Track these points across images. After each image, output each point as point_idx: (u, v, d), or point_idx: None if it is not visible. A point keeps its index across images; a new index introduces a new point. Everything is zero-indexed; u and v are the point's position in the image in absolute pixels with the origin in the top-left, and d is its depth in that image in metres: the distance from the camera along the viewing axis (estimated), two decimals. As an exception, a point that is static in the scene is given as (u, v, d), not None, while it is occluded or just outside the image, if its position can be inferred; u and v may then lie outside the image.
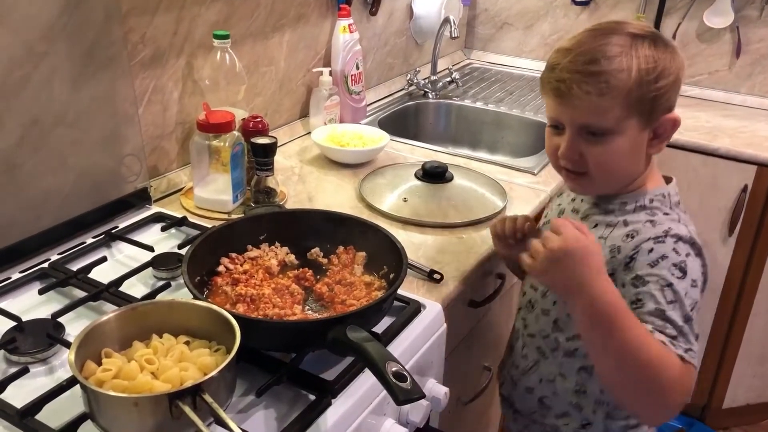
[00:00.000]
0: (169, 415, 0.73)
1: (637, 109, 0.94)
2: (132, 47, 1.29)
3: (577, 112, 0.96)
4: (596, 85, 0.93)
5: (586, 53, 0.94)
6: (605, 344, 0.88)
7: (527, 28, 2.49)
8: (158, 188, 1.40)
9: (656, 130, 0.98)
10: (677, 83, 0.96)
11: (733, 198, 1.90)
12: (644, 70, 0.92)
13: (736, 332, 2.07)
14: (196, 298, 0.92)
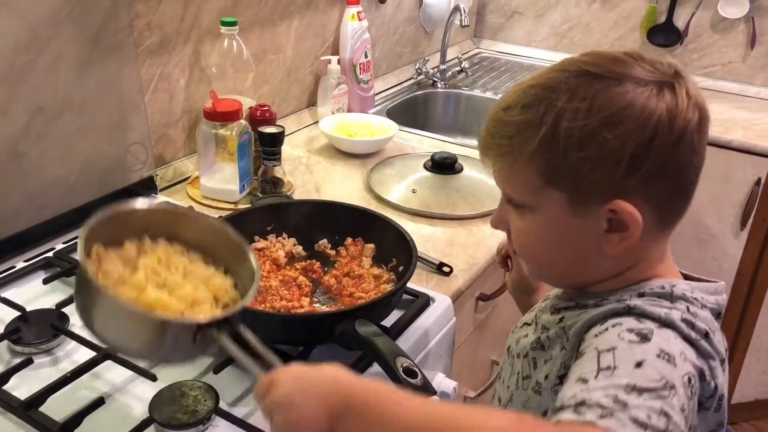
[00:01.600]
0: (191, 341, 0.64)
1: (552, 180, 0.67)
2: (138, 34, 1.27)
3: (493, 173, 0.75)
4: (498, 140, 0.70)
5: (516, 93, 0.70)
6: None
7: (538, 17, 2.46)
8: (164, 177, 1.38)
9: (614, 219, 0.66)
10: (624, 158, 0.64)
11: (746, 191, 1.88)
12: (564, 129, 0.65)
13: (746, 327, 2.05)
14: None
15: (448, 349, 1.09)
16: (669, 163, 0.65)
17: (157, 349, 0.67)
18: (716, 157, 1.87)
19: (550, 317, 0.77)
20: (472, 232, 1.30)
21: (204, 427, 0.79)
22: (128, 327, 0.66)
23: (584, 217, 0.68)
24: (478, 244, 1.26)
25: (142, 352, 0.69)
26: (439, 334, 1.05)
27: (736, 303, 2.02)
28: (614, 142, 0.64)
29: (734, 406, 2.16)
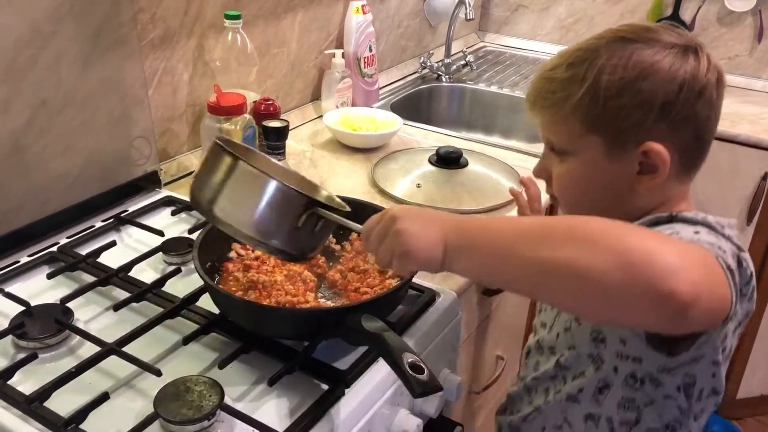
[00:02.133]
0: (297, 218, 0.79)
1: (593, 128, 0.79)
2: (142, 27, 1.26)
3: (538, 124, 0.87)
4: (544, 94, 0.83)
5: (561, 57, 0.83)
6: (514, 263, 0.67)
7: (543, 10, 2.44)
8: (168, 171, 1.38)
9: (644, 162, 0.79)
10: (658, 106, 0.76)
11: (753, 186, 1.87)
12: (604, 82, 0.77)
13: (752, 323, 2.04)
14: (207, 284, 0.90)
15: (453, 344, 1.09)
16: (691, 114, 0.77)
17: (269, 223, 0.78)
18: (723, 151, 1.86)
19: None
20: (478, 227, 1.29)
21: (209, 423, 0.79)
22: (250, 194, 0.79)
23: (620, 161, 0.80)
24: (483, 238, 1.25)
25: (255, 223, 0.79)
26: (445, 330, 1.04)
27: (742, 298, 2.00)
28: (647, 92, 0.76)
29: (739, 401, 2.16)
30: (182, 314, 0.97)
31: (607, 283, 0.59)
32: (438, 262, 0.71)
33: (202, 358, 0.91)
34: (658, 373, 0.79)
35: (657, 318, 0.59)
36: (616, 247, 0.60)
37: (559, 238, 0.64)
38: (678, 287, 0.57)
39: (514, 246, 0.66)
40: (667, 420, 0.83)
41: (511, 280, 0.69)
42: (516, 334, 1.66)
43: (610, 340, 0.82)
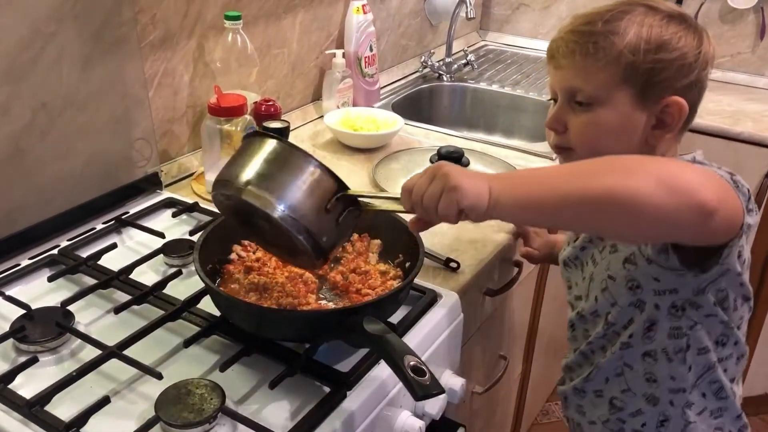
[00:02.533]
0: (325, 202, 0.81)
1: (628, 78, 0.88)
2: (142, 28, 1.26)
3: (562, 74, 0.93)
4: (583, 45, 0.89)
5: (588, 16, 0.91)
6: (558, 204, 0.73)
7: (544, 8, 2.44)
8: (169, 173, 1.37)
9: (660, 116, 0.90)
10: (685, 66, 0.88)
11: (756, 183, 1.86)
12: (643, 38, 0.87)
13: (756, 321, 2.03)
14: (208, 286, 0.90)
15: (455, 345, 1.08)
16: (703, 79, 0.90)
17: (301, 198, 0.80)
18: (726, 149, 1.85)
19: None
20: (479, 228, 1.28)
21: (210, 426, 0.79)
22: (287, 170, 0.82)
23: (642, 112, 0.89)
24: (485, 239, 1.25)
25: (288, 197, 0.80)
26: (447, 331, 1.04)
27: (746, 296, 2.00)
28: (681, 51, 0.87)
29: (744, 400, 2.15)
30: (183, 317, 0.97)
31: (652, 200, 0.68)
32: (485, 199, 0.74)
33: (203, 360, 0.91)
34: (694, 296, 0.89)
35: (693, 223, 0.71)
36: (654, 172, 0.69)
37: (601, 170, 0.72)
38: (706, 196, 0.69)
39: (557, 179, 0.74)
40: (715, 336, 0.93)
41: (556, 212, 0.73)
42: (519, 334, 1.65)
43: (644, 282, 0.92)
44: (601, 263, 1.00)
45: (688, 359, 0.94)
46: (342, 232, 0.86)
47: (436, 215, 0.77)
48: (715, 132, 1.86)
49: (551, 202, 0.72)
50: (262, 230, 0.88)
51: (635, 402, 1.01)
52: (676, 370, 0.96)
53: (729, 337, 0.95)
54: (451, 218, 0.76)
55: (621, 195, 0.68)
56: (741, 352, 0.99)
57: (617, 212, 0.69)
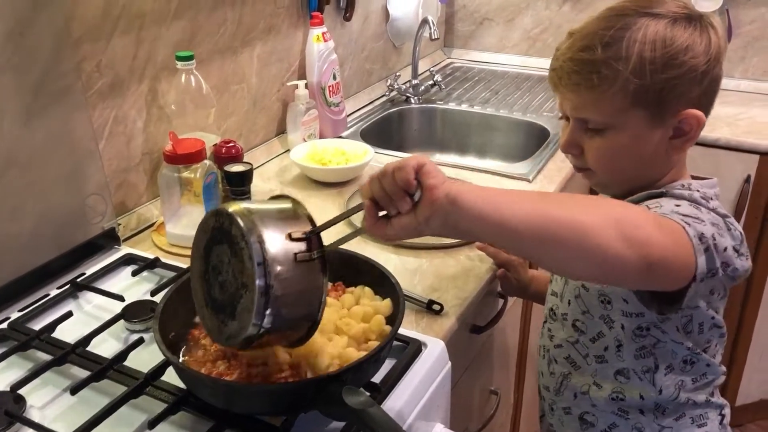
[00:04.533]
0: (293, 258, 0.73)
1: (639, 102, 0.85)
2: (87, 77, 1.18)
3: (570, 104, 0.91)
4: (587, 75, 0.86)
5: (585, 38, 0.87)
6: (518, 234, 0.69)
7: (508, 22, 2.40)
8: (128, 225, 1.29)
9: (677, 127, 0.87)
10: (697, 75, 0.84)
11: (736, 189, 1.83)
12: (647, 59, 0.83)
13: (746, 326, 1.99)
14: (170, 361, 0.81)
15: (445, 396, 1.01)
16: (717, 79, 0.88)
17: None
18: (704, 157, 1.81)
19: None
20: (460, 262, 1.22)
21: None
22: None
23: (659, 129, 0.87)
24: (466, 274, 1.18)
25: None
26: (435, 383, 0.96)
27: (735, 303, 1.96)
28: (689, 63, 0.83)
29: (739, 408, 2.11)
30: (147, 392, 0.88)
31: (602, 239, 0.68)
32: (446, 189, 0.69)
33: (133, 422, 0.83)
34: (660, 322, 0.90)
35: (634, 272, 0.70)
36: (611, 214, 0.70)
37: (568, 202, 0.73)
38: (650, 250, 0.70)
39: (522, 198, 0.71)
40: (682, 356, 0.93)
41: (511, 225, 0.69)
42: (510, 363, 1.59)
43: (615, 300, 0.92)
44: None
45: (657, 381, 0.94)
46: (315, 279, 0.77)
47: (393, 185, 0.69)
48: (692, 139, 1.81)
49: (508, 215, 0.68)
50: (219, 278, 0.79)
51: (606, 418, 0.99)
52: (645, 390, 0.95)
53: (698, 360, 0.94)
54: (407, 188, 0.69)
55: (573, 224, 0.68)
56: (715, 374, 0.97)
57: (567, 241, 0.68)
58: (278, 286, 0.72)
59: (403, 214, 0.70)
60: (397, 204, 0.70)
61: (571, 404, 1.03)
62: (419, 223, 0.69)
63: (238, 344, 0.75)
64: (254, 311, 0.71)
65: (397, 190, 0.69)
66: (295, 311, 0.76)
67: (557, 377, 1.04)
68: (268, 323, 0.72)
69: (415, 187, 0.69)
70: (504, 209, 0.68)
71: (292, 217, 0.78)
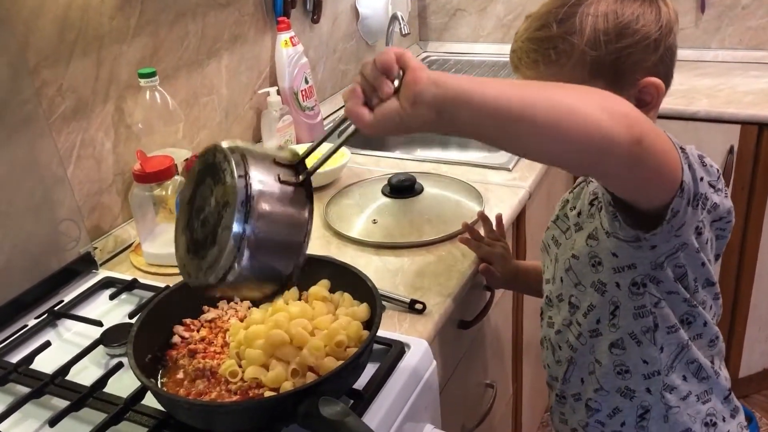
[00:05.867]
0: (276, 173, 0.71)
1: (597, 73, 0.86)
2: (49, 102, 1.16)
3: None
4: (544, 52, 0.88)
5: (540, 18, 0.89)
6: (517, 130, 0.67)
7: (481, 11, 2.38)
8: (105, 249, 1.27)
9: (638, 97, 0.87)
10: (651, 43, 0.85)
11: (720, 161, 1.81)
12: (601, 30, 0.85)
13: (743, 298, 1.98)
14: (145, 385, 0.80)
15: (433, 396, 1.00)
16: (671, 47, 0.88)
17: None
18: (685, 130, 1.80)
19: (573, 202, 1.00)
20: (442, 258, 1.20)
21: None
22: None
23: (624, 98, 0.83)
24: (449, 271, 1.17)
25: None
26: (421, 384, 0.95)
27: (729, 276, 1.94)
28: (642, 32, 0.85)
29: (742, 379, 2.09)
30: (127, 417, 0.87)
31: (588, 112, 0.65)
32: (428, 72, 0.65)
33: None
34: (653, 271, 0.87)
35: (621, 144, 0.66)
36: (595, 93, 0.68)
37: (543, 84, 0.71)
38: (638, 126, 0.67)
39: (505, 83, 0.67)
40: (679, 314, 0.91)
41: (494, 106, 0.65)
42: (505, 354, 1.58)
43: (605, 258, 0.90)
44: (566, 243, 0.99)
45: (658, 339, 0.92)
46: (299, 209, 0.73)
47: (374, 70, 0.66)
48: (671, 114, 1.80)
49: (494, 93, 0.65)
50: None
51: (610, 401, 0.97)
52: (647, 353, 0.93)
53: (695, 318, 0.92)
54: (389, 72, 0.65)
55: (561, 104, 0.66)
56: (712, 334, 0.95)
57: (557, 116, 0.65)
58: (260, 198, 0.68)
59: (386, 101, 0.66)
60: (378, 88, 0.66)
61: (579, 390, 1.01)
62: (403, 109, 0.66)
63: (218, 272, 0.68)
64: (234, 221, 0.66)
65: (378, 75, 0.66)
66: (278, 233, 0.70)
67: (563, 365, 1.02)
68: (250, 232, 0.67)
69: (396, 71, 0.66)
70: (489, 88, 0.65)
71: (278, 151, 0.76)
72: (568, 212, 1.01)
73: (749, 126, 1.76)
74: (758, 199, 1.82)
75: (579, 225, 0.97)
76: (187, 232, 0.76)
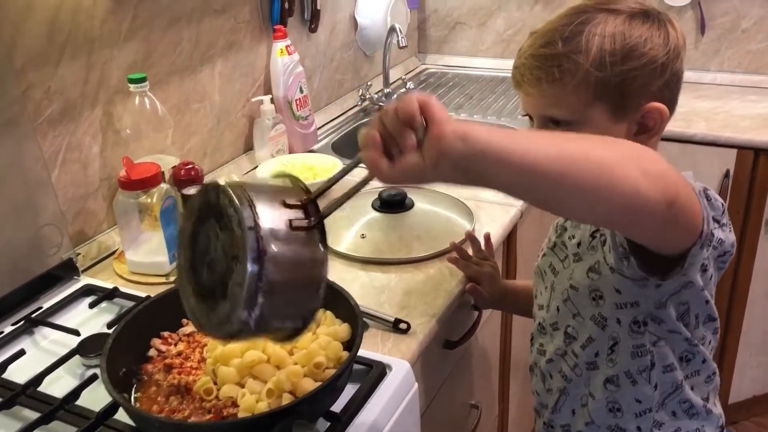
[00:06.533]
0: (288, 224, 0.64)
1: (601, 95, 0.84)
2: (35, 105, 1.14)
3: (533, 101, 0.89)
4: (547, 70, 0.85)
5: (546, 35, 0.87)
6: (538, 184, 0.63)
7: (480, 25, 2.37)
8: (88, 255, 1.25)
9: (641, 122, 0.85)
10: (657, 67, 0.83)
11: (716, 185, 1.80)
12: (607, 51, 0.82)
13: (735, 323, 1.96)
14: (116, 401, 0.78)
15: (413, 419, 0.98)
16: (678, 72, 0.86)
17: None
18: (682, 153, 1.79)
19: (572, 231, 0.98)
20: (430, 276, 1.19)
21: None
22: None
23: (622, 123, 0.85)
24: (436, 289, 1.15)
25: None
26: (401, 407, 0.93)
27: (722, 300, 1.93)
28: (649, 55, 0.83)
29: (732, 405, 2.08)
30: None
31: (627, 175, 0.63)
32: (454, 125, 0.61)
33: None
34: (655, 310, 0.86)
35: (657, 206, 0.64)
36: (630, 150, 0.66)
37: (575, 136, 0.67)
38: (671, 187, 0.65)
39: (538, 139, 0.65)
40: (679, 352, 0.90)
41: (537, 166, 0.61)
42: (491, 374, 1.56)
43: (607, 293, 0.88)
44: (563, 273, 0.97)
45: (654, 377, 0.91)
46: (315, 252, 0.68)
47: (396, 120, 0.62)
48: (669, 136, 1.76)
49: (525, 151, 0.61)
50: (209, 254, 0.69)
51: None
52: (641, 392, 0.91)
53: (695, 355, 0.91)
54: (411, 123, 0.61)
55: (600, 159, 0.63)
56: (710, 370, 0.94)
57: (592, 177, 0.62)
58: (273, 256, 0.62)
59: (408, 153, 0.62)
60: (400, 139, 0.62)
61: (569, 421, 0.99)
62: (426, 164, 0.62)
63: (230, 328, 0.64)
64: (246, 284, 0.61)
65: (400, 125, 0.62)
66: (293, 288, 0.66)
67: (554, 394, 1.00)
68: (263, 307, 0.63)
69: (419, 122, 0.62)
70: (522, 145, 0.61)
71: (285, 187, 0.69)
72: (566, 240, 0.99)
73: (745, 150, 1.75)
74: (753, 223, 1.81)
75: (578, 256, 0.95)
76: (191, 272, 0.71)
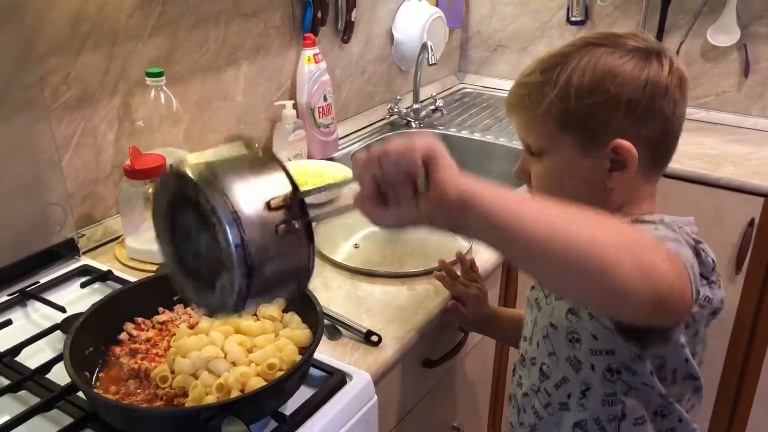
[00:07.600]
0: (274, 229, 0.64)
1: (565, 126, 0.85)
2: (53, 89, 1.20)
3: (515, 126, 0.92)
4: (521, 97, 0.88)
5: (535, 64, 0.89)
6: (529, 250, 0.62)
7: (522, 50, 2.36)
8: (92, 237, 1.30)
9: (614, 159, 0.83)
10: (628, 103, 0.81)
11: (739, 233, 1.74)
12: (574, 84, 0.82)
13: (751, 377, 1.89)
14: (73, 380, 0.81)
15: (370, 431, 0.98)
16: (656, 111, 0.83)
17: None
18: (706, 196, 1.73)
19: None
20: (415, 293, 1.19)
21: None
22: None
23: (593, 158, 0.85)
24: (418, 306, 1.15)
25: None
26: (356, 417, 0.93)
27: (737, 352, 1.86)
28: (613, 91, 0.82)
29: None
30: (58, 406, 0.88)
31: (621, 271, 0.61)
32: (458, 182, 0.61)
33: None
34: (631, 362, 0.85)
35: (644, 304, 0.63)
36: (631, 242, 0.64)
37: (578, 215, 0.64)
38: (662, 286, 0.63)
39: (542, 211, 0.64)
40: (654, 407, 0.88)
41: (531, 244, 0.61)
42: (480, 397, 1.54)
43: (584, 338, 0.87)
44: (545, 308, 0.96)
45: (623, 429, 0.88)
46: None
47: (396, 169, 0.60)
48: (694, 177, 1.74)
49: (522, 229, 0.61)
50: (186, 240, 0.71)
51: None
52: None
53: (670, 412, 0.88)
54: (413, 176, 0.59)
55: (597, 251, 0.61)
56: (688, 430, 0.90)
57: (583, 266, 0.61)
58: (260, 266, 0.63)
59: (403, 203, 0.62)
60: (398, 191, 0.61)
61: None
62: (421, 219, 0.61)
63: (216, 314, 0.71)
64: (235, 293, 0.64)
65: (400, 176, 0.60)
66: (279, 284, 0.68)
67: (526, 428, 0.99)
68: (251, 305, 0.66)
69: (421, 175, 0.59)
70: (520, 222, 0.60)
71: (260, 165, 0.69)
72: None
73: (773, 200, 1.69)
74: (775, 276, 1.74)
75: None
76: (173, 239, 0.72)
